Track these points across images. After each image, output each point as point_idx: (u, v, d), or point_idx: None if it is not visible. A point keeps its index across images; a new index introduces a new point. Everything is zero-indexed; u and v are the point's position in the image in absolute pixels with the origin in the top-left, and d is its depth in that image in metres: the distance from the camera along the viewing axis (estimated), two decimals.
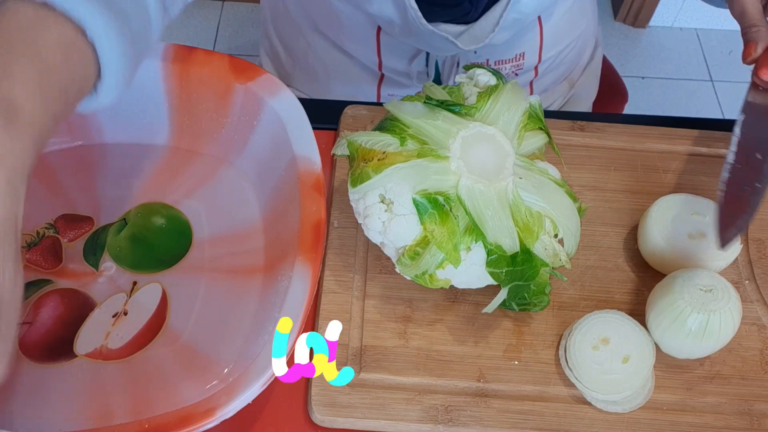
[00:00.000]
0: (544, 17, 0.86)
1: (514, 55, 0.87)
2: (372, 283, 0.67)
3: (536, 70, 0.91)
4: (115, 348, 0.63)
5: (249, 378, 0.55)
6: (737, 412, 0.62)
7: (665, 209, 0.68)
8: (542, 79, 0.93)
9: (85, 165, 0.73)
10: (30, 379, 0.61)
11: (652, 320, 0.63)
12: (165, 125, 0.73)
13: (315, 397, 0.60)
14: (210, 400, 0.54)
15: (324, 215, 0.62)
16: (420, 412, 0.60)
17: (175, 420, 0.53)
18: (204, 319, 0.64)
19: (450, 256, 0.57)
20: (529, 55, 0.87)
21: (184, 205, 0.71)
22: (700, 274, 0.62)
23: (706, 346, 0.61)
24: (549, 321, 0.66)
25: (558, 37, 0.89)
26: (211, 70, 0.70)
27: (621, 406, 0.61)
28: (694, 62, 2.06)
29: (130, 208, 0.70)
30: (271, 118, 0.69)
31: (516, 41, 0.85)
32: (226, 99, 0.71)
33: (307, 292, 0.58)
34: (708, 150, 0.77)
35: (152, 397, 0.60)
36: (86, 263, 0.67)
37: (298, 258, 0.60)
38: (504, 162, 0.59)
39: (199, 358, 0.62)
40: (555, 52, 0.90)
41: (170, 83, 0.71)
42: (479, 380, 0.62)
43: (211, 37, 2.01)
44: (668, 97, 1.99)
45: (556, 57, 0.91)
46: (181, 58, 0.70)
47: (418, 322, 0.65)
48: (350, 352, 0.63)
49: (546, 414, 0.61)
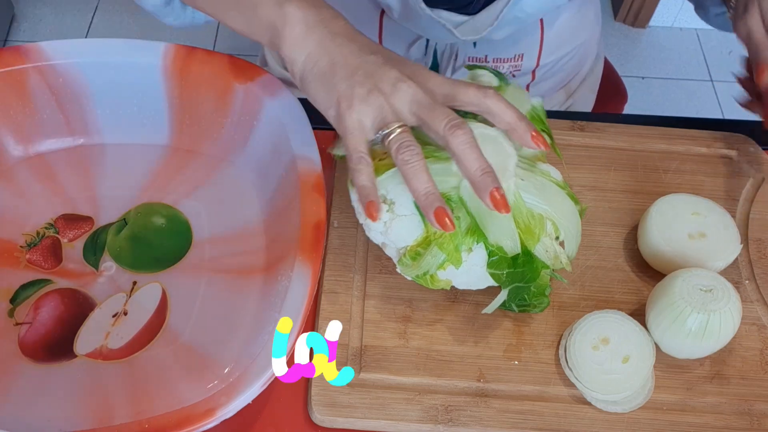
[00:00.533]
0: (547, 21, 0.86)
1: (513, 55, 0.87)
2: (372, 283, 0.67)
3: (534, 74, 0.91)
4: (115, 348, 0.63)
5: (249, 378, 0.55)
6: (737, 412, 0.62)
7: (665, 209, 0.68)
8: (539, 84, 0.93)
9: (85, 165, 0.73)
10: (30, 379, 0.61)
11: (652, 320, 0.63)
12: (165, 125, 0.73)
13: (315, 397, 0.60)
14: (210, 400, 0.54)
15: (324, 215, 0.62)
16: (420, 412, 0.60)
17: (175, 420, 0.53)
18: (204, 319, 0.64)
19: (451, 256, 0.57)
20: (527, 58, 0.88)
21: (184, 205, 0.71)
22: (700, 274, 0.62)
23: (706, 346, 0.61)
24: (549, 321, 0.66)
25: (558, 44, 0.89)
26: (211, 70, 0.70)
27: (621, 406, 0.61)
28: (694, 62, 2.06)
29: (130, 208, 0.71)
30: (271, 118, 0.69)
31: (516, 41, 0.85)
32: (226, 99, 0.71)
33: (307, 293, 0.58)
34: (708, 150, 0.77)
35: (152, 397, 0.60)
36: (86, 263, 0.67)
37: (298, 258, 0.60)
38: (506, 164, 0.58)
39: (199, 358, 0.62)
40: (554, 58, 0.90)
41: (170, 83, 0.71)
42: (479, 380, 0.62)
43: (211, 37, 2.01)
44: (668, 97, 1.99)
45: (555, 63, 0.91)
46: (182, 58, 0.70)
47: (418, 322, 0.65)
48: (350, 352, 0.63)
49: (546, 414, 0.61)
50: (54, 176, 0.72)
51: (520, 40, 0.85)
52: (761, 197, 0.74)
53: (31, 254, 0.67)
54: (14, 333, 0.63)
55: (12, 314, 0.64)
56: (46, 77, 0.70)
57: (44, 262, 0.67)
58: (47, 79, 0.70)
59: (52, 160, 0.73)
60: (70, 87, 0.70)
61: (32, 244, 0.68)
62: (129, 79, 0.71)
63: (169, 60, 0.70)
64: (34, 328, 0.63)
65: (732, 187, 0.75)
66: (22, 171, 0.72)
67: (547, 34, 0.87)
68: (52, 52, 0.69)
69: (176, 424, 0.53)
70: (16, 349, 0.62)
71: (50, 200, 0.70)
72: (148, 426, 0.53)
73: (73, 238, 0.69)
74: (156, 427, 0.53)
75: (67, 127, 0.73)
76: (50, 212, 0.70)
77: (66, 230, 0.69)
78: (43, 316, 0.64)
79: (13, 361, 0.62)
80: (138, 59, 0.70)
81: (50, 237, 0.68)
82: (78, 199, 0.71)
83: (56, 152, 0.73)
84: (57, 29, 2.02)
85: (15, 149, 0.72)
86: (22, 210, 0.70)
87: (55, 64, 0.69)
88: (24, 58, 0.69)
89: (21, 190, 0.71)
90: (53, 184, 0.71)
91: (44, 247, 0.68)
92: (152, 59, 0.70)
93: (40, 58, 0.69)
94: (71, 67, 0.70)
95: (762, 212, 0.74)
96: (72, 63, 0.69)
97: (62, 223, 0.69)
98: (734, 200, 0.74)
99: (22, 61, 0.69)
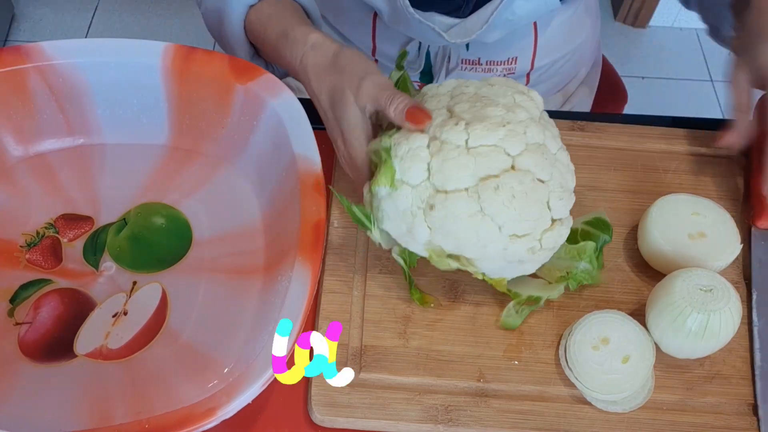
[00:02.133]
0: (540, 25, 0.86)
1: (506, 58, 0.87)
2: (372, 283, 0.67)
3: (528, 77, 0.91)
4: (115, 348, 0.63)
5: (249, 378, 0.55)
6: (737, 412, 0.62)
7: (665, 209, 0.68)
8: (534, 87, 0.93)
9: (85, 165, 0.73)
10: (30, 379, 0.61)
11: (652, 320, 0.63)
12: (165, 125, 0.73)
13: (315, 397, 0.60)
14: (210, 400, 0.54)
15: (324, 215, 0.62)
16: (420, 412, 0.60)
17: (176, 420, 0.53)
18: (204, 319, 0.64)
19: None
20: (521, 60, 0.88)
21: (184, 205, 0.71)
22: (700, 274, 0.62)
23: (706, 346, 0.61)
24: (549, 321, 0.66)
25: (552, 47, 0.89)
26: (211, 70, 0.70)
27: (621, 406, 0.61)
28: (694, 62, 2.06)
29: (130, 208, 0.71)
30: (271, 118, 0.69)
31: (509, 44, 0.85)
32: (226, 99, 0.71)
33: (306, 293, 0.58)
34: (708, 150, 0.77)
35: (152, 396, 0.60)
36: (86, 263, 0.67)
37: (297, 258, 0.60)
38: None
39: (199, 357, 0.62)
40: (549, 61, 0.90)
41: (170, 83, 0.71)
42: (479, 380, 0.62)
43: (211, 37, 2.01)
44: (668, 97, 1.99)
45: (550, 67, 0.91)
46: (181, 58, 0.70)
47: (418, 322, 0.65)
48: (350, 352, 0.63)
49: (546, 414, 0.61)
50: (54, 176, 0.72)
51: (514, 43, 0.85)
52: None
53: (31, 254, 0.67)
54: (14, 333, 0.63)
55: (12, 314, 0.64)
56: (47, 77, 0.70)
57: (44, 262, 0.67)
58: (47, 79, 0.70)
59: (52, 160, 0.73)
60: (70, 87, 0.70)
61: (32, 243, 0.68)
62: (129, 79, 0.71)
63: (169, 60, 0.70)
64: (34, 328, 0.63)
65: (732, 187, 0.75)
66: (22, 171, 0.72)
67: (540, 37, 0.86)
68: (53, 51, 0.69)
69: (177, 424, 0.53)
70: (16, 349, 0.62)
71: (50, 200, 0.70)
72: (148, 426, 0.53)
73: (73, 238, 0.69)
74: (156, 427, 0.53)
75: (67, 127, 0.73)
76: (50, 212, 0.70)
77: (66, 230, 0.69)
78: (43, 316, 0.64)
79: (13, 361, 0.62)
80: (138, 59, 0.70)
81: (50, 237, 0.68)
82: (78, 199, 0.71)
83: (56, 152, 0.73)
84: (57, 29, 2.02)
85: (15, 149, 0.72)
86: (22, 210, 0.70)
87: (55, 64, 0.69)
88: (24, 58, 0.69)
89: (21, 190, 0.71)
90: (53, 184, 0.71)
91: (44, 247, 0.68)
92: (152, 59, 0.70)
93: (41, 58, 0.69)
94: (71, 67, 0.70)
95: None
96: (72, 63, 0.69)
97: (62, 222, 0.69)
98: (734, 200, 0.74)
99: (23, 61, 0.69)
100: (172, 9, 2.07)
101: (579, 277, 0.64)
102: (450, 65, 0.87)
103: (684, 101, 1.98)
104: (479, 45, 0.84)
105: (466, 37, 0.79)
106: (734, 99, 0.69)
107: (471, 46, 0.85)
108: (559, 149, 0.61)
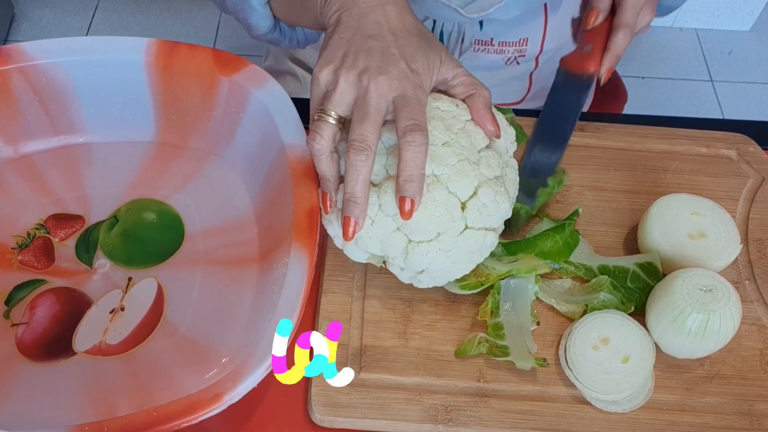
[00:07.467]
0: (551, 7, 0.87)
1: (518, 39, 0.88)
2: (372, 283, 0.67)
3: (537, 60, 0.91)
4: (114, 343, 0.63)
5: (253, 362, 0.54)
6: (737, 412, 0.62)
7: (665, 209, 0.68)
8: (542, 72, 0.94)
9: (71, 164, 0.73)
10: (30, 379, 0.61)
11: (652, 320, 0.63)
12: (151, 121, 0.73)
13: (315, 397, 0.60)
14: (217, 386, 0.54)
15: (317, 200, 0.62)
16: (420, 412, 0.60)
17: (183, 407, 0.53)
18: (201, 310, 0.64)
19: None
20: (532, 42, 0.89)
21: (174, 199, 0.71)
22: (700, 274, 0.62)
23: (706, 346, 0.61)
24: (549, 321, 0.66)
25: (561, 30, 0.90)
26: (195, 63, 0.70)
27: (621, 406, 0.61)
28: (694, 62, 2.06)
29: (120, 205, 0.71)
30: (257, 109, 0.68)
31: (521, 24, 0.86)
32: (211, 92, 0.70)
33: (305, 278, 0.58)
34: (708, 150, 0.77)
35: (154, 389, 0.60)
36: (80, 261, 0.67)
37: (294, 244, 0.60)
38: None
39: (199, 348, 0.62)
40: (557, 45, 0.91)
41: (154, 78, 0.70)
42: (479, 380, 0.62)
43: (211, 37, 2.01)
44: (668, 97, 1.99)
45: (557, 51, 0.92)
46: (164, 53, 0.70)
47: (418, 322, 0.65)
48: (350, 352, 0.63)
49: (546, 414, 0.61)
50: (42, 177, 0.72)
51: (525, 23, 0.86)
52: (761, 197, 0.74)
53: (23, 255, 0.67)
54: (11, 334, 0.63)
55: (8, 315, 0.64)
56: (29, 78, 0.69)
57: (37, 263, 0.67)
58: (30, 79, 0.69)
59: (39, 160, 0.72)
60: (53, 86, 0.70)
61: (23, 245, 0.68)
62: (112, 77, 0.70)
63: (152, 55, 0.70)
64: (30, 328, 0.63)
65: (732, 187, 0.75)
66: (9, 173, 0.72)
67: (550, 18, 0.87)
68: (34, 52, 0.69)
69: (184, 411, 0.53)
70: (14, 350, 0.62)
71: (39, 201, 0.70)
72: (156, 414, 0.53)
73: (65, 237, 0.68)
74: (164, 415, 0.53)
75: (52, 128, 0.73)
76: (39, 213, 0.70)
77: (57, 230, 0.69)
78: (39, 316, 0.64)
79: (12, 362, 0.61)
80: (120, 56, 0.70)
81: (41, 237, 0.68)
82: (67, 199, 0.71)
83: (43, 152, 0.73)
84: (57, 29, 2.02)
85: (1, 151, 0.72)
86: (11, 212, 0.69)
87: (37, 64, 0.69)
88: (6, 59, 0.68)
89: (9, 192, 0.71)
90: (41, 184, 0.71)
91: (36, 248, 0.68)
92: (134, 55, 0.70)
93: (22, 59, 0.69)
94: (53, 67, 0.69)
95: (762, 212, 0.74)
96: (54, 62, 0.69)
97: (52, 223, 0.69)
98: (734, 200, 0.74)
99: (4, 63, 0.68)
100: (172, 9, 2.06)
101: (599, 306, 0.65)
102: (463, 45, 0.87)
103: (684, 101, 1.98)
104: (492, 25, 0.84)
105: (483, 11, 0.79)
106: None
107: (484, 26, 0.85)
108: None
